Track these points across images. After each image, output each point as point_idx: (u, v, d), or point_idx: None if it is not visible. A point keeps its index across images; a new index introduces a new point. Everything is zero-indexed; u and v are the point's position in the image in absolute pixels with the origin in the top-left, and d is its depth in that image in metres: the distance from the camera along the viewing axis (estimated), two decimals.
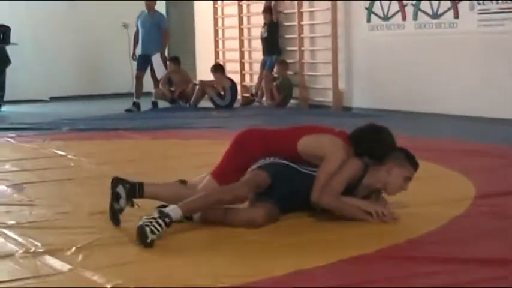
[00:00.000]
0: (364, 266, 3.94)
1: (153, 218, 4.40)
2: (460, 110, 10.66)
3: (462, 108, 10.64)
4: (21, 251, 4.34)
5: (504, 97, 10.19)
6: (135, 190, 4.91)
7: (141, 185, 4.96)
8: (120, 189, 4.88)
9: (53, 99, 16.25)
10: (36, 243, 4.47)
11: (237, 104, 13.95)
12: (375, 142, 4.91)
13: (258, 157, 4.90)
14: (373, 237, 4.37)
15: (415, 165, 4.88)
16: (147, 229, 4.32)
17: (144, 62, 13.68)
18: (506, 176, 6.34)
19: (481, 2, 10.39)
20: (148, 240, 4.31)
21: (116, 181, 4.93)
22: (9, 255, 4.28)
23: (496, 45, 10.28)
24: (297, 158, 4.89)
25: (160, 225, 4.37)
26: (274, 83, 13.39)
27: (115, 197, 4.88)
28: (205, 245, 4.45)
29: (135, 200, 4.92)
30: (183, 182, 5.25)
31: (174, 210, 4.49)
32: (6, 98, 14.39)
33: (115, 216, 4.86)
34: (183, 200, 4.68)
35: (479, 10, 10.45)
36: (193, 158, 7.93)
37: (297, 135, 4.94)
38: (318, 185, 4.76)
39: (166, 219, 4.41)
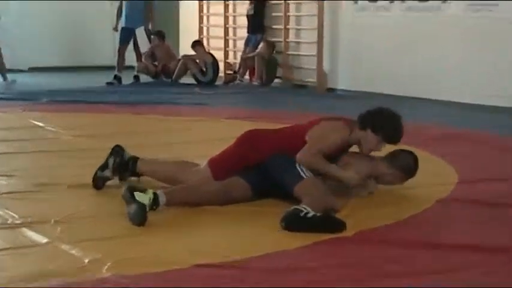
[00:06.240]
0: (340, 248, 3.95)
1: (148, 199, 4.37)
2: (443, 95, 10.70)
3: (446, 93, 10.68)
4: None
5: (486, 83, 10.22)
6: (127, 165, 5.12)
7: (134, 160, 5.14)
8: (110, 161, 5.13)
9: (32, 69, 16.08)
10: (13, 214, 4.45)
11: (219, 81, 13.92)
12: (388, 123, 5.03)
13: (265, 156, 4.91)
14: (353, 221, 4.39)
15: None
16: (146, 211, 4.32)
17: (127, 35, 13.61)
18: (487, 162, 6.38)
19: None
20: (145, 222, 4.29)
21: (112, 151, 5.17)
22: None
23: (482, 30, 10.30)
24: None
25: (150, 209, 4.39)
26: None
27: (103, 165, 5.14)
28: (180, 224, 4.40)
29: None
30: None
31: (161, 197, 4.47)
32: None
33: (96, 181, 5.13)
34: (177, 180, 4.89)
35: None
36: (172, 134, 7.93)
37: (303, 130, 5.05)
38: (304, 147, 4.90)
39: (154, 207, 4.41)
